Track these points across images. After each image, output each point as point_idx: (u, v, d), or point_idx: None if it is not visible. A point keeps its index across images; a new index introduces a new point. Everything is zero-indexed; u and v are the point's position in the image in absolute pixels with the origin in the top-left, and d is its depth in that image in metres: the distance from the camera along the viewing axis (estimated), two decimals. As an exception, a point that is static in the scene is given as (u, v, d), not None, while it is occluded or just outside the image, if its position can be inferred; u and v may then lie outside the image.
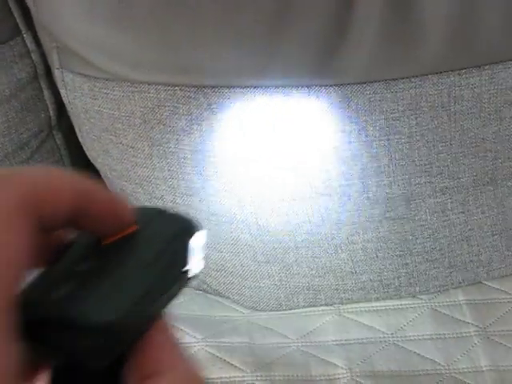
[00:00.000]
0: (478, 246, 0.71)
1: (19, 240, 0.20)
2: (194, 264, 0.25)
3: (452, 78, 0.61)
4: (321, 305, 0.72)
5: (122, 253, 0.24)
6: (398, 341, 0.69)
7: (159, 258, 0.24)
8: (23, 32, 0.71)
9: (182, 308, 0.72)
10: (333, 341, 0.69)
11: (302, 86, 0.61)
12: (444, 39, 0.60)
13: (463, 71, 0.61)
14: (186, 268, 0.25)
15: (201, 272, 0.25)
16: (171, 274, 0.24)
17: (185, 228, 0.26)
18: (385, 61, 0.61)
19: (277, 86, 0.61)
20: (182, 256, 0.25)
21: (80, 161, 0.78)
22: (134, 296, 0.22)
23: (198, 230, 0.26)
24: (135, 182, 0.69)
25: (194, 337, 0.69)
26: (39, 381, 0.23)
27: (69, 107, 0.70)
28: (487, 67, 0.61)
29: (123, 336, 0.22)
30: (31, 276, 0.23)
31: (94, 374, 0.23)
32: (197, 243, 0.25)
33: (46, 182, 0.22)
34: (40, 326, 0.21)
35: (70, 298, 0.22)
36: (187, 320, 0.71)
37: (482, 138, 0.64)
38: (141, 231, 0.25)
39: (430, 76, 0.61)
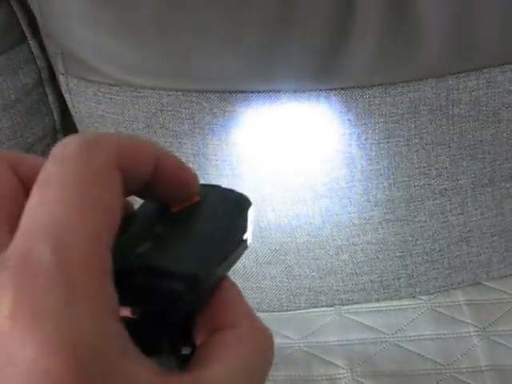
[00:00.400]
0: (477, 246, 0.71)
1: (112, 191, 0.21)
2: (250, 233, 0.27)
3: (450, 82, 0.62)
4: (322, 306, 0.73)
5: (191, 218, 0.26)
6: (398, 341, 0.69)
7: (223, 224, 0.26)
8: (29, 39, 0.72)
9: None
10: (334, 341, 0.70)
11: (303, 91, 0.61)
12: (442, 44, 0.61)
13: (461, 75, 0.62)
14: (245, 236, 0.27)
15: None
16: (234, 239, 0.26)
17: (241, 200, 0.27)
18: (384, 65, 0.61)
19: (278, 91, 0.61)
20: (241, 224, 0.27)
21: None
22: (208, 253, 0.24)
23: (251, 203, 0.28)
24: (139, 185, 0.69)
25: (197, 338, 0.70)
26: None
27: (73, 112, 0.70)
28: (484, 71, 0.62)
29: (204, 289, 0.23)
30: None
31: (169, 326, 0.24)
32: (251, 215, 0.27)
33: (130, 145, 0.23)
34: (126, 276, 0.23)
35: (153, 251, 0.24)
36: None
37: (480, 141, 0.65)
38: (204, 201, 0.26)
39: (428, 80, 0.62)
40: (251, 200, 0.28)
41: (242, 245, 0.26)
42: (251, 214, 0.27)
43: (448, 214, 0.68)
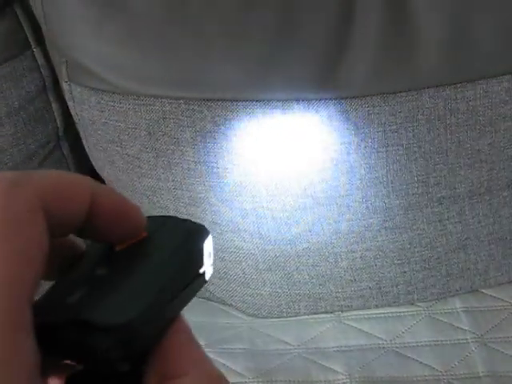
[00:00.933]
0: (474, 254, 0.71)
1: (35, 236, 0.20)
2: (208, 266, 0.26)
3: (448, 92, 0.63)
4: (321, 312, 0.73)
5: (136, 257, 0.24)
6: (396, 347, 0.70)
7: (172, 260, 0.24)
8: (33, 47, 0.72)
9: (185, 314, 0.73)
10: (333, 347, 0.70)
11: (303, 100, 0.62)
12: (440, 55, 0.62)
13: (458, 85, 0.62)
14: (201, 269, 0.25)
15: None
16: (186, 275, 0.24)
17: (196, 231, 0.26)
18: (383, 75, 0.62)
19: (278, 100, 0.62)
20: (196, 257, 0.25)
21: (86, 171, 0.79)
22: (149, 296, 0.22)
23: (208, 233, 0.26)
24: (140, 192, 0.70)
25: (198, 343, 0.70)
26: None
27: (76, 119, 0.71)
28: (481, 81, 0.63)
29: (140, 336, 0.22)
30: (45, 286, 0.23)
31: (114, 377, 0.22)
32: (209, 246, 0.26)
33: (58, 184, 0.21)
34: (54, 330, 0.21)
35: (84, 301, 0.22)
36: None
37: (478, 150, 0.65)
38: (153, 236, 0.25)
39: (426, 89, 0.62)
40: (208, 230, 0.26)
41: (198, 279, 0.25)
42: (209, 245, 0.26)
43: (446, 222, 0.69)
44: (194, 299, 0.30)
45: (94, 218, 0.23)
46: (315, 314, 0.74)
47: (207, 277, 0.26)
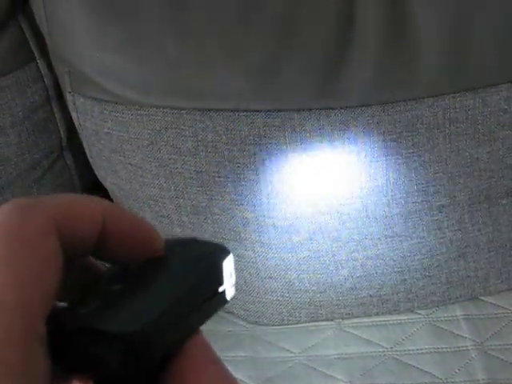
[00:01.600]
0: (474, 262, 0.72)
1: (48, 257, 0.20)
2: (229, 285, 0.25)
3: (447, 101, 0.63)
4: (322, 320, 0.74)
5: (151, 274, 0.24)
6: (397, 355, 0.70)
7: (188, 276, 0.24)
8: (37, 58, 0.73)
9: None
10: (334, 355, 0.71)
11: (303, 110, 0.63)
12: (439, 64, 0.62)
13: (457, 94, 0.63)
14: (220, 288, 0.25)
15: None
16: (202, 292, 0.24)
17: (215, 250, 0.26)
18: (383, 85, 0.63)
19: (278, 110, 0.63)
20: (214, 275, 0.25)
21: (89, 180, 0.80)
22: (160, 309, 0.22)
23: (228, 253, 0.26)
24: (142, 201, 0.71)
25: (200, 351, 0.71)
26: None
27: (79, 129, 0.72)
28: (480, 90, 0.63)
29: (151, 345, 0.21)
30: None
31: None
32: (229, 265, 0.26)
33: (70, 207, 0.22)
34: (66, 340, 0.21)
35: (95, 311, 0.22)
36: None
37: (477, 158, 0.66)
38: (170, 255, 0.25)
39: (425, 99, 0.63)
40: (228, 250, 0.26)
41: (216, 297, 0.25)
42: (229, 264, 0.26)
43: (445, 230, 0.69)
44: None
45: (106, 239, 0.23)
46: (316, 321, 0.74)
47: (228, 297, 0.26)
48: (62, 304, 0.23)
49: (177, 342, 0.23)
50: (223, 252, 0.26)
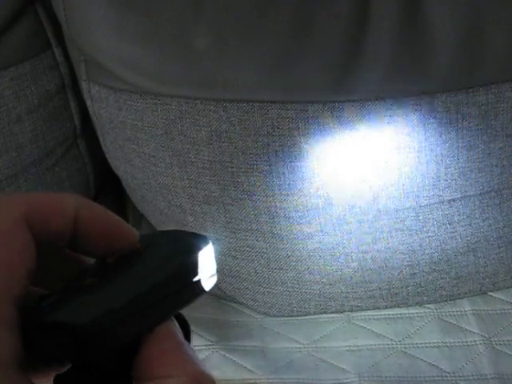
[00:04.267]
0: (484, 257, 0.72)
1: (18, 247, 0.22)
2: (206, 275, 0.26)
3: (460, 96, 0.63)
4: (331, 312, 0.74)
5: (124, 266, 0.25)
6: (405, 348, 0.70)
7: (159, 267, 0.25)
8: (54, 46, 0.74)
9: (197, 311, 0.73)
10: (342, 347, 0.71)
11: (317, 102, 0.63)
12: (453, 60, 0.62)
13: (471, 90, 0.63)
14: (195, 278, 0.25)
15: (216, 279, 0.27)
16: (173, 283, 0.25)
17: (195, 241, 0.26)
18: (397, 79, 0.63)
19: (292, 102, 0.63)
20: (188, 266, 0.25)
21: (102, 169, 0.81)
22: (124, 300, 0.23)
23: (207, 243, 0.26)
24: (155, 190, 0.71)
25: (209, 340, 0.71)
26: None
27: (93, 117, 0.72)
28: (493, 86, 0.63)
29: (97, 339, 0.22)
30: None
31: (102, 377, 0.23)
32: (207, 255, 0.26)
33: (41, 203, 0.23)
34: (35, 332, 0.23)
35: (55, 304, 0.23)
36: (202, 323, 0.73)
37: (489, 154, 0.66)
38: (147, 248, 0.26)
39: (439, 94, 0.63)
40: (207, 241, 0.26)
41: (190, 288, 0.25)
42: (207, 254, 0.26)
43: (456, 225, 0.69)
44: (206, 296, 0.30)
45: (81, 233, 0.24)
46: (325, 313, 0.74)
47: (206, 287, 0.26)
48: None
49: (142, 329, 0.23)
50: (202, 243, 0.26)
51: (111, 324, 0.22)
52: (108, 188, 0.86)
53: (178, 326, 0.24)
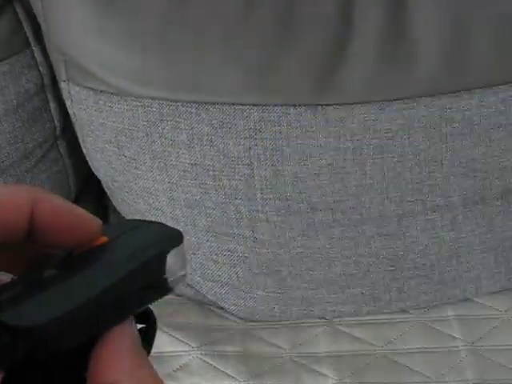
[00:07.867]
0: (467, 262, 0.72)
1: None
2: (174, 274, 0.24)
3: (444, 101, 0.63)
4: (314, 317, 0.74)
5: (86, 261, 0.24)
6: (388, 353, 0.70)
7: (122, 264, 0.23)
8: (32, 45, 0.72)
9: (178, 317, 0.73)
10: (324, 352, 0.71)
11: (301, 105, 0.63)
12: (437, 64, 0.62)
13: (454, 94, 0.63)
14: (163, 276, 0.24)
15: (196, 282, 0.25)
16: (134, 281, 0.23)
17: (165, 237, 0.25)
18: (381, 83, 0.63)
19: (275, 105, 0.63)
20: (154, 264, 0.24)
21: (83, 171, 0.80)
22: (76, 300, 0.22)
23: (179, 240, 0.25)
24: (136, 193, 0.70)
25: (189, 345, 0.71)
26: None
27: (73, 119, 0.71)
28: (477, 91, 0.63)
29: (52, 340, 0.21)
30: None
31: (56, 373, 0.23)
32: (178, 253, 0.25)
33: None
34: None
35: (8, 301, 0.22)
36: (182, 328, 0.72)
37: (472, 159, 0.66)
38: (114, 242, 0.24)
39: (423, 98, 0.63)
40: (179, 237, 0.25)
41: (157, 287, 0.24)
42: (178, 252, 0.24)
43: (439, 230, 0.69)
44: (187, 301, 0.29)
45: (38, 226, 0.24)
46: (308, 318, 0.74)
47: (174, 285, 0.25)
48: None
49: (98, 330, 0.22)
50: (174, 239, 0.25)
51: (63, 326, 0.21)
52: (89, 190, 0.85)
53: (134, 325, 0.24)
